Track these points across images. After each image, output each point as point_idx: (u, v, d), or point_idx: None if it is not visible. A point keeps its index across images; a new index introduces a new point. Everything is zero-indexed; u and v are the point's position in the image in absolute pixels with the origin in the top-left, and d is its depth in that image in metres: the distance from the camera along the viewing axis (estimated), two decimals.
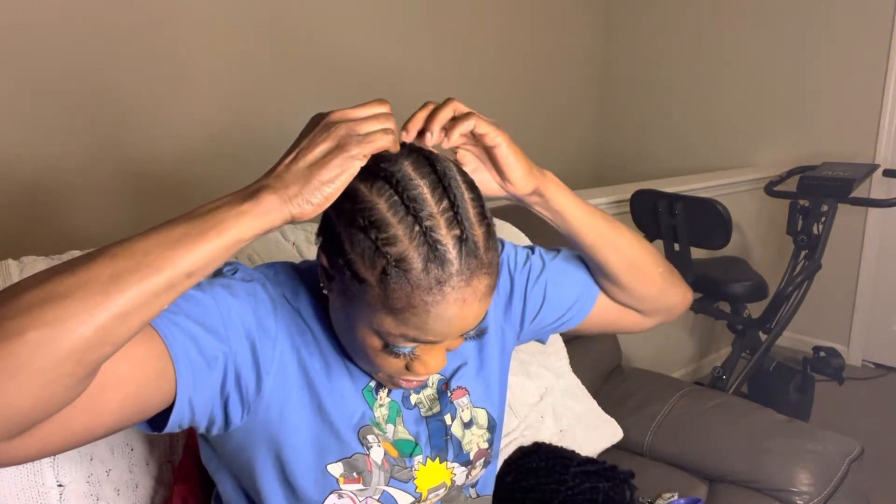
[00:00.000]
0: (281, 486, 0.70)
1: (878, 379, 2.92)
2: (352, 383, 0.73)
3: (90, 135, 2.06)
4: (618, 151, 3.76)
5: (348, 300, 0.63)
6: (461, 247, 0.59)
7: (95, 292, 0.48)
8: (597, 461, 1.16)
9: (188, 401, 0.61)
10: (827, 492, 1.26)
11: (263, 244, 1.17)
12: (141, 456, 0.93)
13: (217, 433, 0.68)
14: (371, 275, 0.59)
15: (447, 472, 0.77)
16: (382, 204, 0.58)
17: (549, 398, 1.40)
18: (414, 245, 0.57)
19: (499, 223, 1.52)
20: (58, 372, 0.46)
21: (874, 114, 2.86)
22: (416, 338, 0.61)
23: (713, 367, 2.39)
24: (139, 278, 0.50)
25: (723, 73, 3.29)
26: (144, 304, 0.50)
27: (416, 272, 0.58)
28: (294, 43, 2.48)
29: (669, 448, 1.41)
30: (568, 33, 3.54)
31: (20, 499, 0.82)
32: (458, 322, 0.61)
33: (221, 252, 0.53)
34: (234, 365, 0.64)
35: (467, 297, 0.60)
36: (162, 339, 0.58)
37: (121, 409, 0.55)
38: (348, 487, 0.69)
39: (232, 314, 0.64)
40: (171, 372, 0.58)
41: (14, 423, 0.46)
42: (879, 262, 2.96)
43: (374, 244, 0.58)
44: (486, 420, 0.81)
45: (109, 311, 0.48)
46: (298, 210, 0.56)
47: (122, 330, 0.49)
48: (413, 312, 0.59)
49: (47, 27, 1.94)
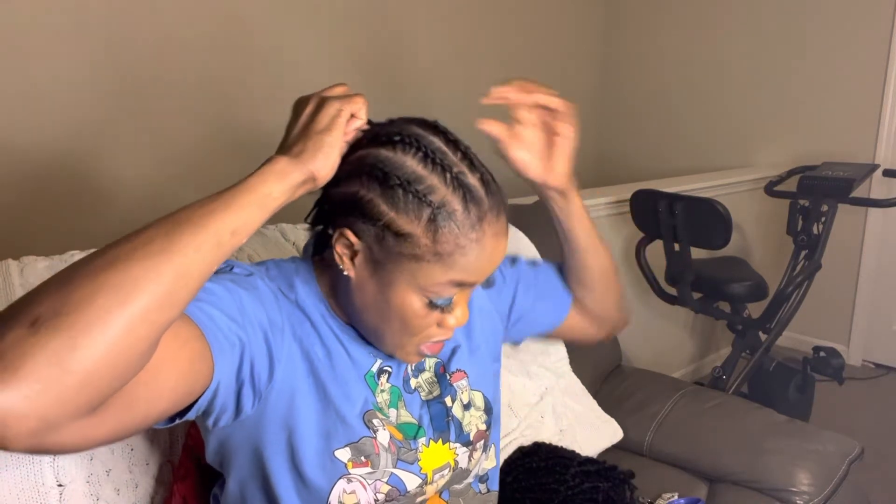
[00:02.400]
0: (291, 474, 0.71)
1: (878, 379, 2.92)
2: (354, 369, 0.75)
3: (92, 135, 2.06)
4: (618, 151, 3.76)
5: (384, 266, 0.67)
6: (486, 187, 0.67)
7: (156, 252, 0.50)
8: (597, 461, 1.16)
9: (217, 384, 0.62)
10: (827, 492, 1.26)
11: (263, 244, 1.17)
12: (141, 456, 0.94)
13: (225, 424, 0.69)
14: (417, 226, 0.64)
15: (450, 453, 0.78)
16: (411, 160, 0.65)
17: (549, 398, 1.40)
18: (450, 190, 0.64)
19: None
20: (130, 337, 0.48)
21: (874, 114, 2.86)
22: (462, 280, 0.67)
23: (713, 367, 2.39)
24: (191, 236, 0.53)
25: (723, 73, 3.29)
26: (201, 262, 0.53)
27: (460, 213, 0.64)
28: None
29: (669, 448, 1.41)
30: (568, 33, 3.54)
31: (20, 499, 0.82)
32: (496, 256, 0.68)
33: (257, 211, 0.58)
34: (250, 353, 0.65)
35: (499, 231, 0.68)
36: (195, 322, 0.60)
37: (175, 389, 0.57)
38: (357, 472, 0.71)
39: (245, 304, 0.66)
40: (209, 353, 0.60)
41: (91, 392, 0.47)
42: (879, 262, 2.96)
43: (415, 196, 0.64)
44: (482, 402, 0.84)
45: (172, 268, 0.51)
46: (312, 164, 0.61)
47: (183, 290, 0.52)
48: (462, 253, 0.65)
49: (46, 30, 1.94)
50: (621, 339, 1.76)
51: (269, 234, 1.20)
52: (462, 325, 0.72)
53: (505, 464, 1.21)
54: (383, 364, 0.77)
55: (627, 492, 1.12)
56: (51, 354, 0.44)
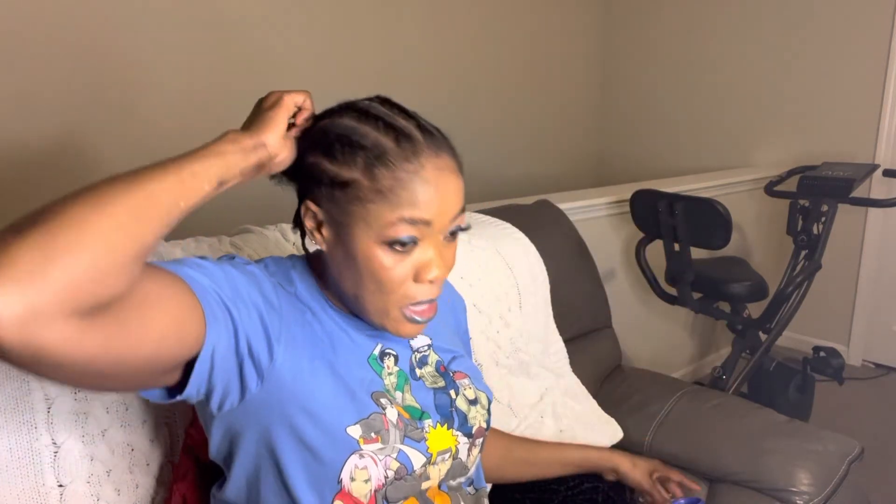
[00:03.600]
0: (301, 453, 0.72)
1: (878, 379, 2.92)
2: (357, 354, 0.77)
3: (89, 134, 2.06)
4: (618, 152, 3.76)
5: (343, 225, 0.71)
6: (420, 129, 0.72)
7: (125, 182, 0.56)
8: None
9: (211, 352, 0.64)
10: (827, 492, 1.26)
11: (263, 244, 1.17)
12: (141, 456, 0.94)
13: (230, 407, 0.70)
14: (356, 172, 0.69)
15: (453, 439, 0.81)
16: (347, 119, 0.72)
17: (549, 398, 1.40)
18: (382, 133, 0.70)
19: (499, 223, 1.53)
20: (107, 241, 0.52)
21: (874, 114, 2.86)
22: (412, 217, 0.69)
23: (713, 367, 2.39)
24: (156, 172, 0.58)
25: (723, 74, 3.29)
26: (166, 189, 0.58)
27: (392, 150, 0.69)
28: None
29: (669, 448, 1.41)
30: (568, 34, 3.54)
31: (20, 499, 0.82)
32: (445, 192, 0.71)
33: (215, 159, 0.63)
34: (245, 330, 0.67)
35: (441, 166, 0.71)
36: (189, 285, 0.63)
37: (165, 332, 0.58)
38: (368, 448, 0.72)
39: (238, 284, 0.68)
40: (201, 314, 0.62)
41: (74, 286, 0.49)
42: (879, 262, 2.96)
43: (349, 145, 0.70)
44: (486, 402, 0.88)
45: (141, 189, 0.56)
46: (260, 133, 0.68)
47: (152, 208, 0.56)
48: (402, 186, 0.68)
49: (32, 32, 1.94)
50: (621, 339, 1.76)
51: (269, 235, 1.20)
52: (444, 272, 0.73)
53: None
54: (385, 347, 0.80)
55: (627, 492, 1.12)
56: (33, 245, 0.48)
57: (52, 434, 0.85)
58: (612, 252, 2.45)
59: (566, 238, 1.66)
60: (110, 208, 0.53)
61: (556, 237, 1.62)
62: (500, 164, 3.29)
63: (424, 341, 0.86)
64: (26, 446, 0.83)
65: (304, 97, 0.74)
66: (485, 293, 1.36)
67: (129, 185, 0.56)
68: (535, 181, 3.39)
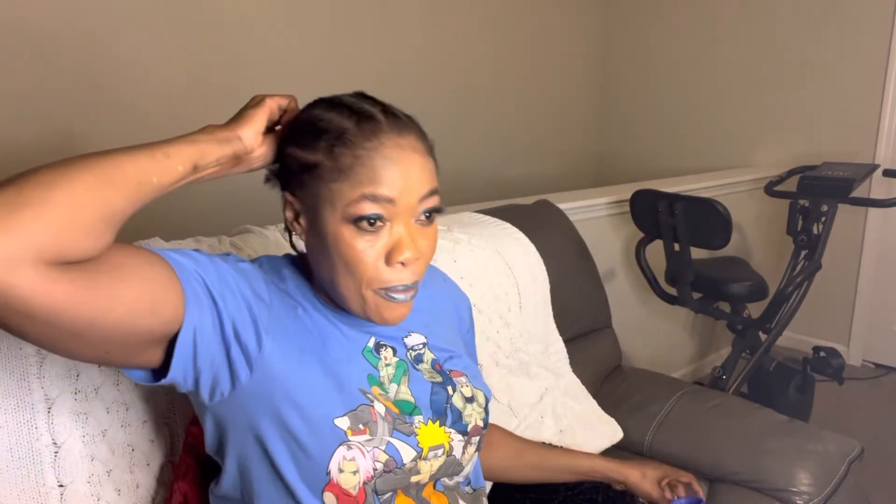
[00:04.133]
0: (289, 445, 0.72)
1: (878, 379, 2.92)
2: (350, 348, 0.78)
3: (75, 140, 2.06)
4: (618, 152, 3.76)
5: (313, 210, 0.73)
6: (385, 112, 0.73)
7: (96, 155, 0.60)
8: None
9: (193, 332, 0.65)
10: (827, 492, 1.26)
11: (263, 245, 1.17)
12: (142, 456, 0.94)
13: (220, 398, 0.71)
14: (319, 154, 0.71)
15: (446, 435, 0.80)
16: (317, 110, 0.74)
17: (549, 398, 1.40)
18: (344, 117, 0.72)
19: (499, 223, 1.53)
20: (74, 199, 0.55)
21: (874, 114, 2.86)
22: (374, 193, 0.70)
23: (713, 367, 2.39)
24: (129, 149, 0.62)
25: (722, 74, 3.29)
26: (135, 161, 0.61)
27: (352, 130, 0.71)
28: None
29: (669, 448, 1.41)
30: (568, 34, 3.54)
31: (21, 499, 0.82)
32: (407, 169, 0.71)
33: (188, 145, 0.66)
34: (231, 316, 0.69)
35: (404, 144, 0.72)
36: (168, 262, 0.65)
37: (138, 298, 0.60)
38: (356, 439, 0.72)
39: (227, 276, 0.70)
40: (180, 289, 0.64)
41: (43, 234, 0.53)
42: (879, 262, 2.96)
43: (314, 131, 0.72)
44: (484, 401, 0.87)
45: (110, 159, 0.59)
46: (236, 127, 0.71)
47: (119, 175, 0.59)
48: (360, 163, 0.70)
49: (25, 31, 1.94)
50: (621, 339, 1.76)
51: (269, 235, 1.20)
52: (414, 254, 0.72)
53: None
54: (379, 339, 0.81)
55: (628, 492, 1.12)
56: (2, 199, 0.52)
57: (53, 434, 0.85)
58: (612, 252, 2.45)
59: (566, 238, 1.66)
60: (77, 173, 0.57)
61: (556, 237, 1.62)
62: (500, 164, 3.29)
63: (419, 340, 0.86)
64: (27, 446, 0.83)
65: (289, 101, 0.77)
66: (485, 293, 1.37)
67: (100, 155, 0.60)
68: (535, 181, 3.39)
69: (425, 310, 0.89)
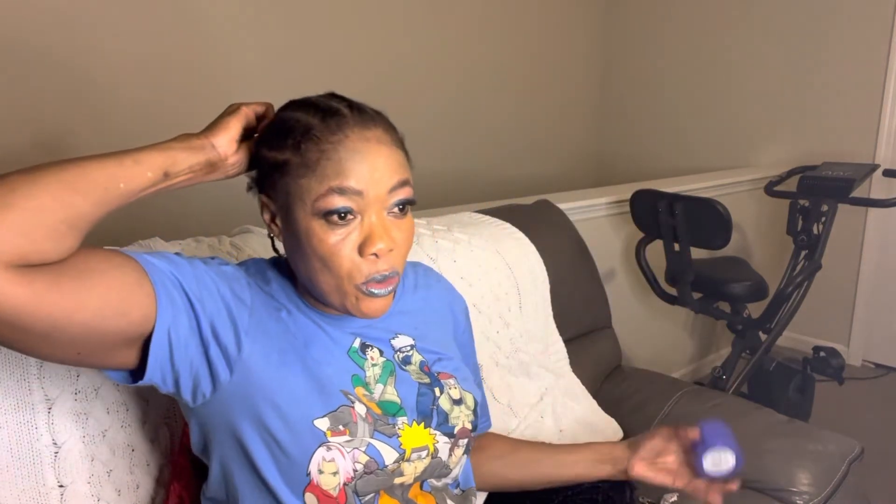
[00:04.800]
0: (268, 446, 0.72)
1: (878, 379, 2.92)
2: (333, 349, 0.78)
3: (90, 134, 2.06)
4: (618, 151, 3.76)
5: (285, 208, 0.73)
6: (350, 107, 0.74)
7: (66, 161, 0.61)
8: None
9: (167, 332, 0.67)
10: (827, 492, 1.26)
11: (263, 244, 1.17)
12: (142, 457, 0.94)
13: (203, 400, 0.72)
14: (287, 152, 0.72)
15: (430, 437, 0.79)
16: (284, 112, 0.76)
17: (549, 398, 1.40)
18: (311, 114, 0.73)
19: (499, 223, 1.53)
20: (36, 200, 0.57)
21: (874, 114, 2.86)
22: (341, 186, 0.70)
23: (713, 367, 2.39)
24: (100, 157, 0.63)
25: (723, 73, 3.29)
26: (102, 167, 0.62)
27: (318, 126, 0.71)
28: None
29: None
30: (568, 34, 3.54)
31: (21, 499, 0.82)
32: (374, 160, 0.71)
33: (157, 152, 0.67)
34: (209, 317, 0.70)
35: (369, 136, 0.72)
36: (140, 264, 0.66)
37: (105, 299, 0.61)
38: (336, 440, 0.72)
39: (205, 278, 0.71)
40: (150, 289, 0.65)
41: (6, 236, 0.55)
42: (879, 262, 2.96)
43: (283, 130, 0.73)
44: (473, 403, 0.86)
45: (76, 166, 0.61)
46: (210, 135, 0.72)
47: (83, 180, 0.60)
48: (326, 157, 0.70)
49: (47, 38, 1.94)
50: (621, 339, 1.76)
51: (267, 238, 1.20)
52: (387, 245, 0.72)
53: None
54: (365, 340, 0.81)
55: (627, 492, 1.12)
56: None
57: (53, 434, 0.85)
58: (612, 252, 2.45)
59: (566, 238, 1.65)
60: (41, 177, 0.58)
61: (556, 237, 1.62)
62: (500, 164, 3.29)
63: (407, 342, 0.85)
64: (27, 446, 0.83)
65: (265, 108, 0.78)
66: (485, 293, 1.37)
67: (67, 161, 0.61)
68: (535, 181, 3.39)
69: (416, 311, 0.89)
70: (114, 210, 0.65)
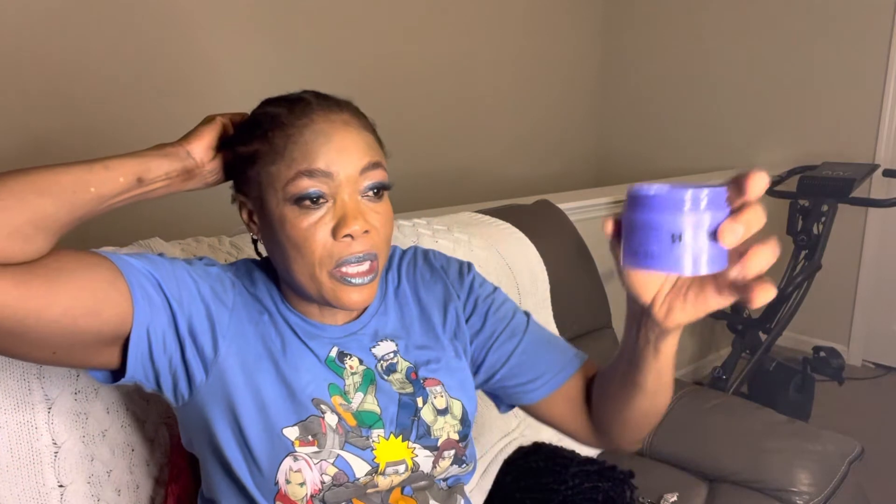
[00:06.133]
0: (241, 451, 0.72)
1: (878, 379, 2.92)
2: (312, 357, 0.77)
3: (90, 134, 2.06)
4: (618, 151, 3.76)
5: (258, 201, 0.73)
6: (316, 95, 0.75)
7: (36, 167, 0.62)
8: (597, 461, 1.16)
9: (146, 331, 0.67)
10: (827, 492, 1.26)
11: None
12: (142, 457, 0.94)
13: (183, 401, 0.73)
14: (257, 143, 0.72)
15: (408, 451, 0.77)
16: (256, 110, 0.76)
17: None
18: (279, 106, 0.73)
19: (499, 223, 1.53)
20: (3, 203, 0.58)
21: (874, 114, 2.86)
22: (309, 169, 0.69)
23: (713, 367, 2.39)
24: (70, 165, 0.64)
25: (723, 73, 3.29)
26: (70, 173, 0.63)
27: (285, 115, 0.72)
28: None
29: (669, 448, 1.41)
30: (567, 33, 3.54)
31: (21, 499, 0.82)
32: (339, 142, 0.70)
33: (129, 160, 0.68)
34: (186, 315, 0.70)
35: (335, 119, 0.72)
36: (115, 265, 0.66)
37: (76, 298, 0.62)
38: (303, 450, 0.71)
39: (186, 278, 0.72)
40: (125, 289, 0.65)
41: None
42: (879, 262, 2.96)
43: (253, 124, 0.74)
44: (460, 412, 0.82)
45: (46, 171, 0.62)
46: (185, 142, 0.73)
47: (51, 184, 0.61)
48: (293, 141, 0.70)
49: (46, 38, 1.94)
50: (621, 339, 1.75)
51: None
52: (360, 227, 0.70)
53: (505, 464, 1.21)
54: (343, 349, 0.78)
55: (627, 492, 1.12)
56: None
57: (53, 434, 0.85)
58: None
59: (566, 238, 1.66)
60: (7, 181, 0.60)
61: (556, 237, 1.62)
62: (500, 164, 3.29)
63: (389, 348, 0.81)
64: (27, 446, 0.83)
65: (242, 117, 0.78)
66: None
67: (34, 168, 0.62)
68: (535, 181, 3.39)
69: (404, 305, 0.85)
70: (90, 215, 0.65)
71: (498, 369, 0.86)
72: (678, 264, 0.51)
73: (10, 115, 1.91)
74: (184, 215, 1.95)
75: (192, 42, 2.24)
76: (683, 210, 0.50)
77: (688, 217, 0.50)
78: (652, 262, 0.52)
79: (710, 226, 0.50)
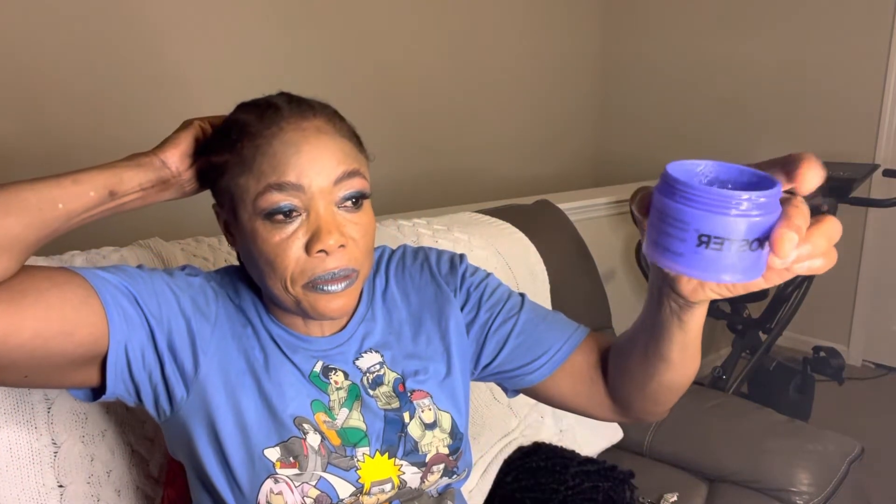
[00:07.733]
0: (222, 470, 0.70)
1: (878, 379, 2.92)
2: (295, 373, 0.74)
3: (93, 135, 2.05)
4: (618, 151, 3.76)
5: (231, 213, 0.70)
6: (289, 100, 0.71)
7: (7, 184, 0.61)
8: (597, 461, 1.16)
9: (124, 347, 0.65)
10: (827, 492, 1.26)
11: None
12: (141, 457, 0.94)
13: (165, 418, 0.71)
14: (227, 154, 0.69)
15: (394, 469, 0.74)
16: (229, 115, 0.73)
17: None
18: (248, 112, 0.70)
19: (499, 223, 1.53)
20: None
21: (874, 114, 2.86)
22: (279, 182, 0.65)
23: (713, 367, 2.39)
24: (40, 180, 0.62)
25: (723, 73, 3.29)
26: (36, 190, 0.61)
27: (254, 123, 0.68)
28: None
29: (669, 448, 1.41)
30: (568, 34, 3.54)
31: (21, 499, 0.82)
32: (310, 152, 0.66)
33: (98, 172, 0.65)
34: (166, 330, 0.68)
35: (305, 127, 0.68)
36: (88, 282, 0.64)
37: (43, 318, 0.59)
38: (284, 472, 0.69)
39: (166, 291, 0.69)
40: (99, 305, 0.63)
41: None
42: (879, 262, 2.96)
43: (225, 134, 0.70)
44: (449, 425, 0.78)
45: (12, 187, 0.60)
46: (158, 153, 0.70)
47: (17, 201, 0.59)
48: (261, 153, 0.67)
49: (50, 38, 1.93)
50: None
51: None
52: (334, 243, 0.66)
53: (505, 464, 1.21)
54: (327, 363, 0.75)
55: (627, 492, 1.12)
56: None
57: (53, 434, 0.85)
58: (612, 252, 2.45)
59: (566, 238, 1.66)
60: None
61: (556, 237, 1.62)
62: (500, 164, 3.29)
63: (374, 360, 0.78)
64: (26, 446, 0.83)
65: (221, 121, 0.74)
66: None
67: (6, 186, 0.60)
68: (535, 181, 3.39)
69: (391, 310, 0.82)
70: (61, 231, 0.63)
71: (497, 353, 0.82)
72: (713, 271, 0.44)
73: None
74: (184, 215, 1.94)
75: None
76: (729, 214, 0.42)
77: (735, 222, 0.42)
78: (678, 261, 0.45)
79: (758, 233, 0.43)
